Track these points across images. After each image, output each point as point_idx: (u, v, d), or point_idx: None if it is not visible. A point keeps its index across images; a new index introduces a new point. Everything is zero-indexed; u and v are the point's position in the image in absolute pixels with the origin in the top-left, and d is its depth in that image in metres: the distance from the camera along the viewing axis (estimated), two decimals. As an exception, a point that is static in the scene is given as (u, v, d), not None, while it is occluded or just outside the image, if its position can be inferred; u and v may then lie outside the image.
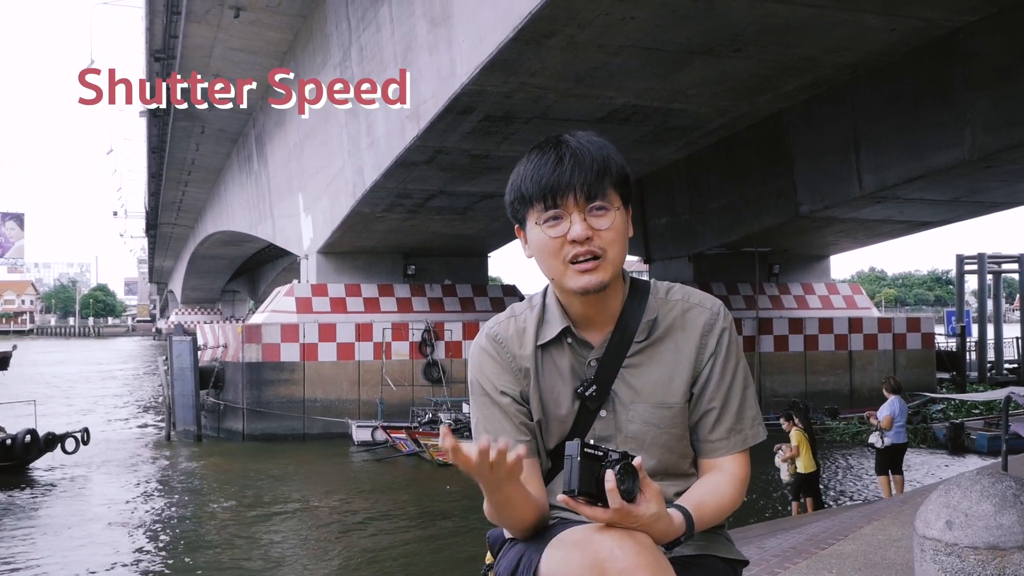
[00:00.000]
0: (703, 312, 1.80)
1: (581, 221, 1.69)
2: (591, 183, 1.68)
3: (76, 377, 44.73)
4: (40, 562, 11.46)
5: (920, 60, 13.55)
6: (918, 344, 26.39)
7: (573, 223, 1.69)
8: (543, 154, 1.73)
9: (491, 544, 1.90)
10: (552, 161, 1.70)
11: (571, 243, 1.69)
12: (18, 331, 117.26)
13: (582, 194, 1.68)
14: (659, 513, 1.53)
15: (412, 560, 11.36)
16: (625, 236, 1.75)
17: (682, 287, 1.85)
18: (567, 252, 1.70)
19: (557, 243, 1.71)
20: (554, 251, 1.72)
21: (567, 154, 1.70)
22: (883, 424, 11.46)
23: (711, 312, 1.80)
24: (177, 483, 16.95)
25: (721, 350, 1.78)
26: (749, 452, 1.82)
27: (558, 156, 1.71)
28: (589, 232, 1.69)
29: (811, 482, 11.27)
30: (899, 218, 21.15)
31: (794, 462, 11.07)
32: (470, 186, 17.96)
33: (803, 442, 11.01)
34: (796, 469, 11.09)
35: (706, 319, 1.79)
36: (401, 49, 14.57)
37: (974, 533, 2.88)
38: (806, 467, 11.06)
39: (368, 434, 20.04)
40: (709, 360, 1.78)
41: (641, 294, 1.81)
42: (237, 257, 53.25)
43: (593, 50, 10.92)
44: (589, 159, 1.70)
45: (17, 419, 19.38)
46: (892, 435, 11.53)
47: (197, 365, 22.22)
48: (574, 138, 1.74)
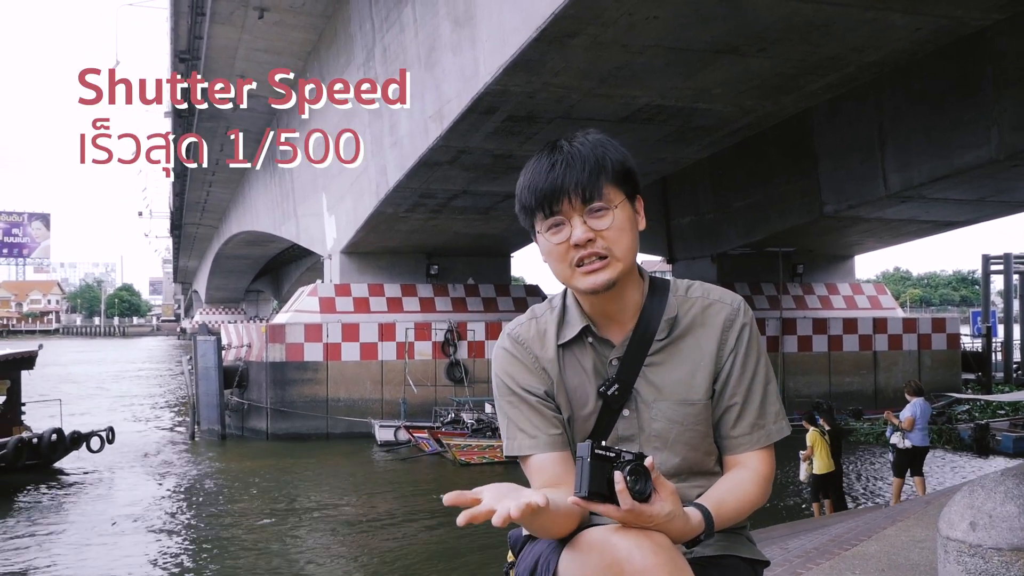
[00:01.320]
0: (723, 308, 1.80)
1: (581, 224, 1.68)
2: (585, 184, 1.68)
3: (101, 376, 45.13)
4: (65, 560, 11.58)
5: (946, 59, 13.46)
6: (943, 345, 26.20)
7: (574, 227, 1.69)
8: (538, 162, 1.73)
9: (512, 544, 1.90)
10: (545, 168, 1.71)
11: (575, 247, 1.70)
12: (44, 331, 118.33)
13: (577, 197, 1.68)
14: (674, 512, 1.52)
15: (435, 560, 11.39)
16: (631, 230, 1.74)
17: (702, 284, 1.85)
18: (572, 256, 1.71)
19: (562, 249, 1.71)
20: (560, 256, 1.72)
21: (559, 159, 1.70)
22: (904, 425, 11.33)
23: (731, 308, 1.80)
24: (201, 482, 17.06)
25: (742, 345, 1.78)
26: (774, 449, 1.81)
27: (551, 162, 1.71)
28: (590, 234, 1.68)
29: (830, 483, 11.21)
30: (924, 218, 21.00)
31: (811, 462, 11.04)
32: (493, 186, 17.98)
33: (819, 443, 10.97)
34: (813, 470, 11.05)
35: (727, 315, 1.79)
36: (425, 49, 14.61)
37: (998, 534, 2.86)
38: (822, 468, 11.03)
39: (391, 434, 20.11)
40: (730, 355, 1.77)
41: (661, 292, 1.81)
42: (261, 257, 53.53)
43: (617, 50, 10.90)
44: (580, 160, 1.69)
45: (43, 418, 19.60)
46: (914, 437, 11.40)
47: (221, 364, 22.36)
48: (568, 142, 1.74)
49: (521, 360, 1.82)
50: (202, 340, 22.96)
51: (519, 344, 1.83)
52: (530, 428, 1.77)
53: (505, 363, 1.84)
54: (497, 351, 1.87)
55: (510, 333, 1.86)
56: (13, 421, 18.00)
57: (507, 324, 1.90)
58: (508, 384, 1.82)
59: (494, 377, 1.86)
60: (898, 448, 11.50)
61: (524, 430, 1.78)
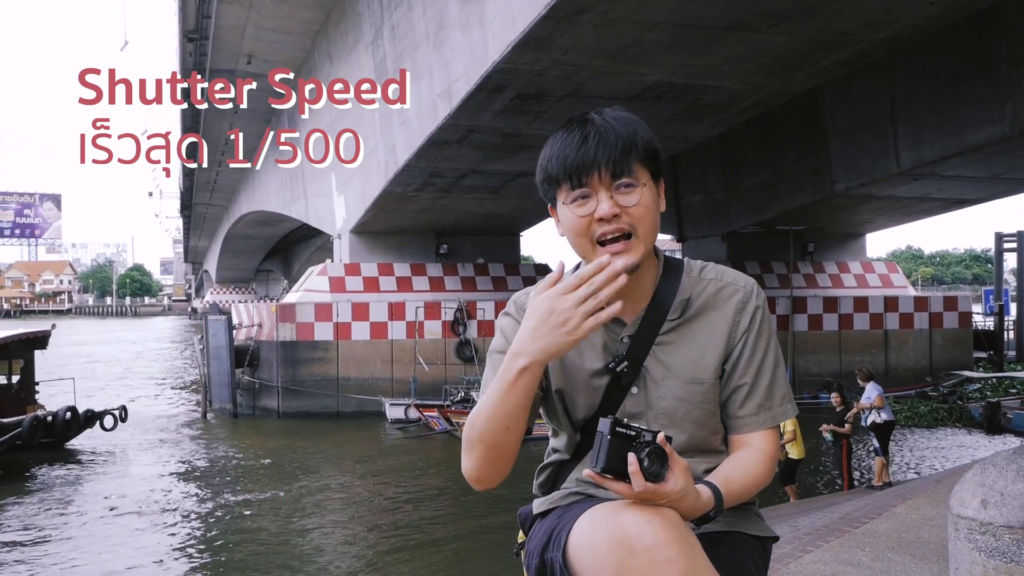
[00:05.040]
0: (737, 291, 1.80)
1: (608, 199, 1.68)
2: (616, 160, 1.67)
3: (114, 356, 45.36)
4: (78, 537, 11.68)
5: (959, 34, 13.34)
6: (955, 323, 26.10)
7: (600, 201, 1.68)
8: (568, 133, 1.72)
9: (522, 522, 1.91)
10: (577, 140, 1.69)
11: (599, 221, 1.69)
12: (57, 311, 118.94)
13: (607, 171, 1.67)
14: (686, 489, 1.52)
15: (446, 538, 11.44)
16: (655, 211, 1.74)
17: (715, 266, 1.85)
18: (595, 231, 1.70)
19: (585, 222, 1.70)
20: (582, 230, 1.71)
21: (592, 132, 1.69)
22: (877, 403, 11.81)
23: (744, 291, 1.80)
24: (213, 460, 17.17)
25: (753, 328, 1.78)
26: (777, 429, 1.82)
27: (583, 134, 1.69)
28: (616, 209, 1.68)
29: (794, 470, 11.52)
30: (937, 195, 20.87)
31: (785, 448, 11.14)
32: (502, 165, 17.93)
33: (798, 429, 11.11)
34: (787, 455, 11.17)
35: (740, 298, 1.79)
36: (433, 27, 14.54)
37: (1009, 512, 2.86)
38: (799, 453, 11.28)
39: (401, 412, 20.19)
40: (742, 338, 1.78)
41: (675, 273, 1.81)
42: (271, 237, 53.63)
43: (626, 26, 10.82)
44: (614, 136, 1.68)
45: (57, 396, 19.74)
46: (886, 412, 12.01)
47: (232, 344, 22.45)
48: (599, 115, 1.73)
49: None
50: (213, 320, 23.04)
51: (523, 310, 1.83)
52: None
53: (505, 325, 1.86)
54: (502, 315, 1.89)
55: (516, 299, 1.88)
56: (28, 400, 18.18)
57: (517, 292, 1.91)
58: (500, 343, 1.83)
59: (496, 333, 1.88)
60: (878, 424, 11.93)
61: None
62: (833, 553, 4.99)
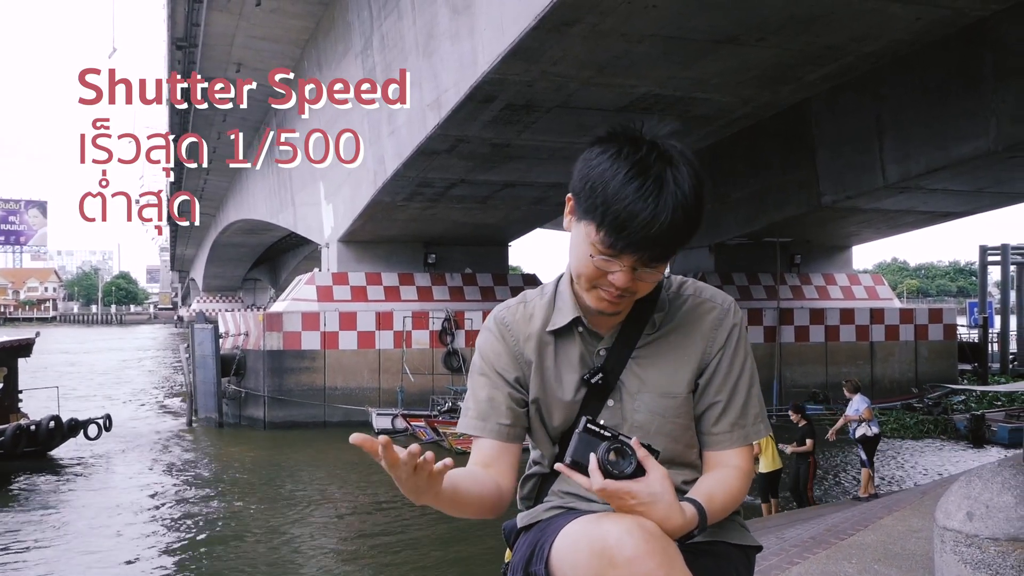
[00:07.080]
0: (714, 307, 1.80)
1: (629, 271, 1.62)
2: (663, 252, 1.60)
3: (98, 364, 45.10)
4: (61, 546, 11.60)
5: (946, 49, 13.42)
6: (940, 335, 26.23)
7: (622, 270, 1.62)
8: (643, 184, 1.55)
9: (506, 536, 1.91)
10: (650, 209, 1.54)
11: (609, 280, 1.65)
12: (41, 318, 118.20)
13: (651, 257, 1.60)
14: (660, 496, 1.52)
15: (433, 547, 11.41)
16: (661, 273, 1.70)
17: (694, 282, 1.85)
18: (600, 282, 1.66)
19: (594, 271, 1.65)
20: (590, 274, 1.66)
21: (664, 212, 1.54)
22: (866, 415, 11.82)
23: (721, 308, 1.80)
24: (198, 470, 17.08)
25: (730, 346, 1.78)
26: (752, 446, 1.83)
27: (655, 207, 1.54)
28: (633, 287, 1.65)
29: (774, 483, 11.45)
30: (922, 208, 21.00)
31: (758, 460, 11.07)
32: (491, 175, 17.94)
33: (767, 441, 10.99)
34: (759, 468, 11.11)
35: (716, 314, 1.79)
36: (423, 37, 14.55)
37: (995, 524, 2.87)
38: (769, 466, 11.22)
39: (388, 422, 20.12)
40: (717, 354, 1.77)
41: (654, 287, 1.79)
42: (258, 245, 53.48)
43: (615, 38, 10.86)
44: (684, 226, 1.57)
45: (40, 405, 19.60)
46: (874, 425, 12.04)
47: (219, 353, 22.33)
48: (674, 172, 1.58)
49: (502, 343, 1.84)
50: (199, 328, 22.95)
51: (504, 327, 1.85)
52: (484, 410, 1.81)
53: (485, 343, 1.87)
54: (482, 331, 1.90)
55: (496, 315, 1.89)
56: (11, 408, 18.01)
57: (497, 306, 1.91)
58: (482, 364, 1.85)
59: (474, 356, 1.89)
60: (867, 436, 11.94)
61: (480, 412, 1.82)
62: (820, 565, 5.00)
